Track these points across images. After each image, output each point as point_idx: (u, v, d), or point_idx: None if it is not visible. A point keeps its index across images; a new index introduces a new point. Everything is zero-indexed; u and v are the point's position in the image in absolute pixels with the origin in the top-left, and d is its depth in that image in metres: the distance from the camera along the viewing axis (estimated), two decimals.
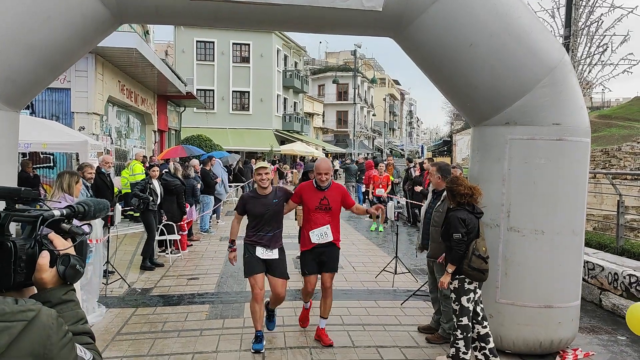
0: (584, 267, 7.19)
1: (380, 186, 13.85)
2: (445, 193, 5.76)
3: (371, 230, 13.91)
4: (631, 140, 23.19)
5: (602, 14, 12.80)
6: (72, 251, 1.48)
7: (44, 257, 1.41)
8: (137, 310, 6.66)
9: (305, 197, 5.39)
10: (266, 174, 5.27)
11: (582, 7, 12.62)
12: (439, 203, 5.73)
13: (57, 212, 1.51)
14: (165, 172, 10.08)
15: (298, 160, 39.43)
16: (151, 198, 8.82)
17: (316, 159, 37.72)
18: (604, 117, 36.25)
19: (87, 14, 4.26)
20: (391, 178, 14.82)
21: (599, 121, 33.70)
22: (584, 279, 7.10)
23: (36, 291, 1.45)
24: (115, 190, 10.25)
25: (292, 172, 33.27)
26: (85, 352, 1.37)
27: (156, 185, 9.13)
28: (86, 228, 1.59)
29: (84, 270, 1.51)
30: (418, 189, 13.28)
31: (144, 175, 10.96)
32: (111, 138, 16.04)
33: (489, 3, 4.80)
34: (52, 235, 1.49)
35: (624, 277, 6.67)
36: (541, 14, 20.03)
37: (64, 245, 1.48)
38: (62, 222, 1.53)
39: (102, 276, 7.01)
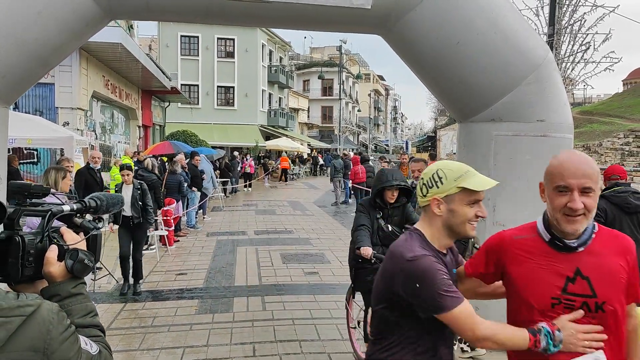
0: None
1: None
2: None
3: None
4: (612, 136, 23.62)
5: (584, 13, 13.09)
6: (83, 245, 1.52)
7: (52, 251, 1.44)
8: (126, 305, 6.67)
9: (517, 272, 1.98)
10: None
11: (566, 5, 12.86)
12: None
13: (66, 207, 1.54)
14: (141, 168, 10.03)
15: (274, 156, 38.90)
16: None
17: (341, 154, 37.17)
18: (585, 113, 36.80)
19: (77, 10, 4.26)
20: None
21: (581, 117, 34.20)
22: None
23: (47, 284, 1.49)
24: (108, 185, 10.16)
25: (278, 168, 32.85)
26: (92, 344, 1.39)
27: (126, 192, 7.33)
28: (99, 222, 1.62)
29: (94, 265, 1.54)
30: None
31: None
32: (95, 133, 15.90)
33: (475, 1, 4.89)
34: (63, 230, 1.52)
35: None
36: (526, 12, 20.31)
37: (73, 239, 1.50)
38: (75, 217, 1.56)
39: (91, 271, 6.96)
